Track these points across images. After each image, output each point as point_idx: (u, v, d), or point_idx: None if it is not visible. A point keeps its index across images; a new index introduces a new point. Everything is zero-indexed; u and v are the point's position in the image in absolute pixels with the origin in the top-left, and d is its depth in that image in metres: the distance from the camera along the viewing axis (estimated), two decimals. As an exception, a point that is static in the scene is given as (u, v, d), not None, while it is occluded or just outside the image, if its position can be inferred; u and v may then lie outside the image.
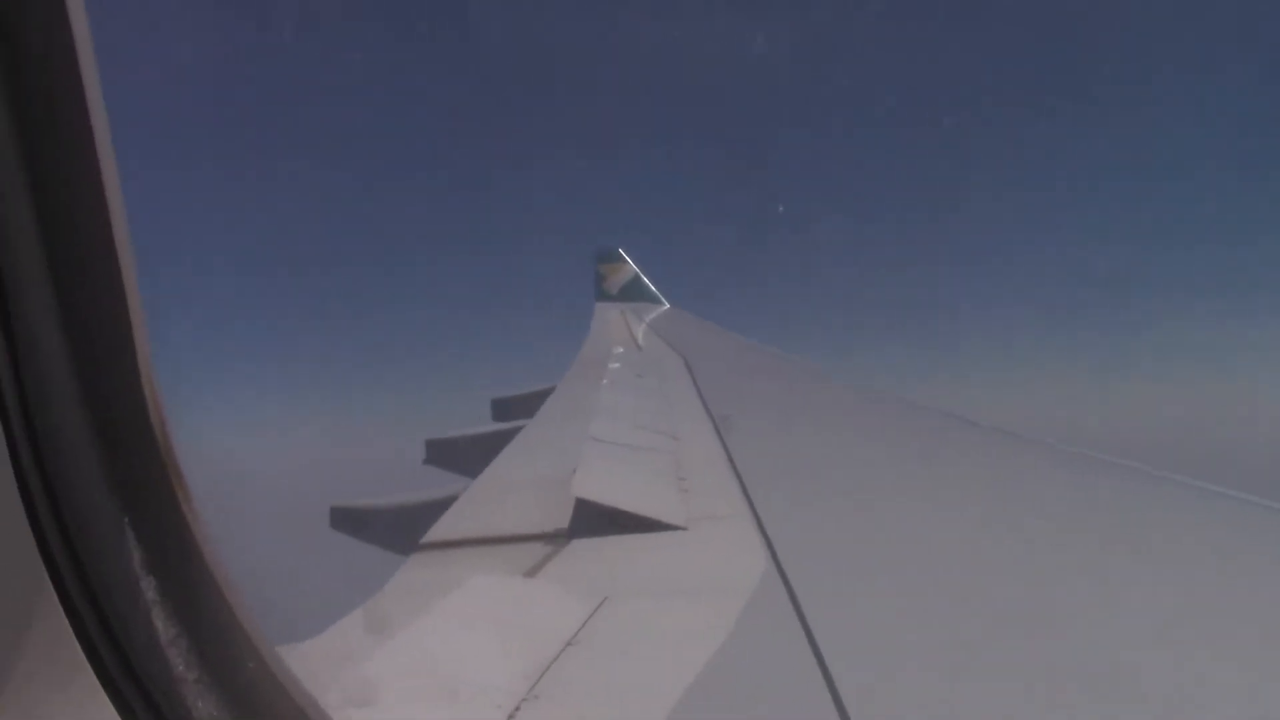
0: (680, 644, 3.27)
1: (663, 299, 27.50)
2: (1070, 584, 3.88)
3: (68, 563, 1.51)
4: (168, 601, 1.56)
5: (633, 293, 27.63)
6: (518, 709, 2.72)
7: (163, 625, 1.55)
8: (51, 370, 1.48)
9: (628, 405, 9.25)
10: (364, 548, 7.59)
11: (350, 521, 7.99)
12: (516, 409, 11.81)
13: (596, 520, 4.87)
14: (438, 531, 5.07)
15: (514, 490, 6.14)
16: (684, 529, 4.78)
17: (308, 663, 3.09)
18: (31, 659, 1.46)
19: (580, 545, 4.63)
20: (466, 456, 9.24)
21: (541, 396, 11.32)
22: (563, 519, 4.96)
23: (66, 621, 1.51)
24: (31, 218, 1.41)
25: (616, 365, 13.78)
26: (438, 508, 5.67)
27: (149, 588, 1.55)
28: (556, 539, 4.75)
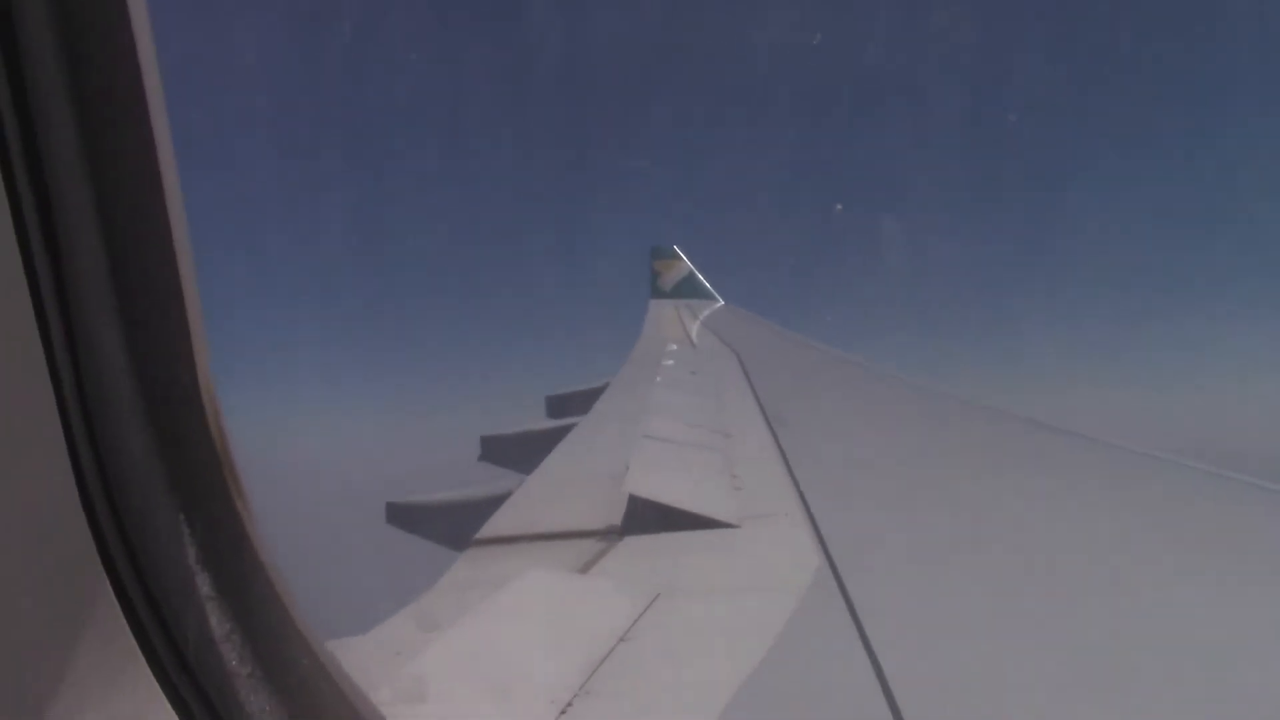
0: (732, 642, 3.26)
1: (717, 296, 27.44)
2: (1134, 581, 3.81)
3: (124, 559, 1.53)
4: (222, 597, 1.57)
5: (687, 290, 27.61)
6: (570, 704, 2.73)
7: (217, 621, 1.56)
8: (110, 369, 1.49)
9: (681, 403, 9.24)
10: (419, 543, 7.66)
11: (405, 517, 8.07)
12: (571, 406, 11.85)
13: (649, 517, 4.87)
14: (492, 527, 5.11)
15: (567, 487, 6.17)
16: (736, 527, 4.76)
17: (362, 657, 3.14)
18: (88, 655, 1.47)
19: (633, 542, 4.64)
20: (521, 453, 9.29)
21: (596, 394, 11.35)
22: (616, 516, 4.97)
23: (123, 618, 1.52)
24: (93, 218, 1.42)
25: (670, 362, 13.78)
26: (492, 504, 5.71)
27: (204, 583, 1.56)
28: (609, 536, 4.76)
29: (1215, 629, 3.27)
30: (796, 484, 5.64)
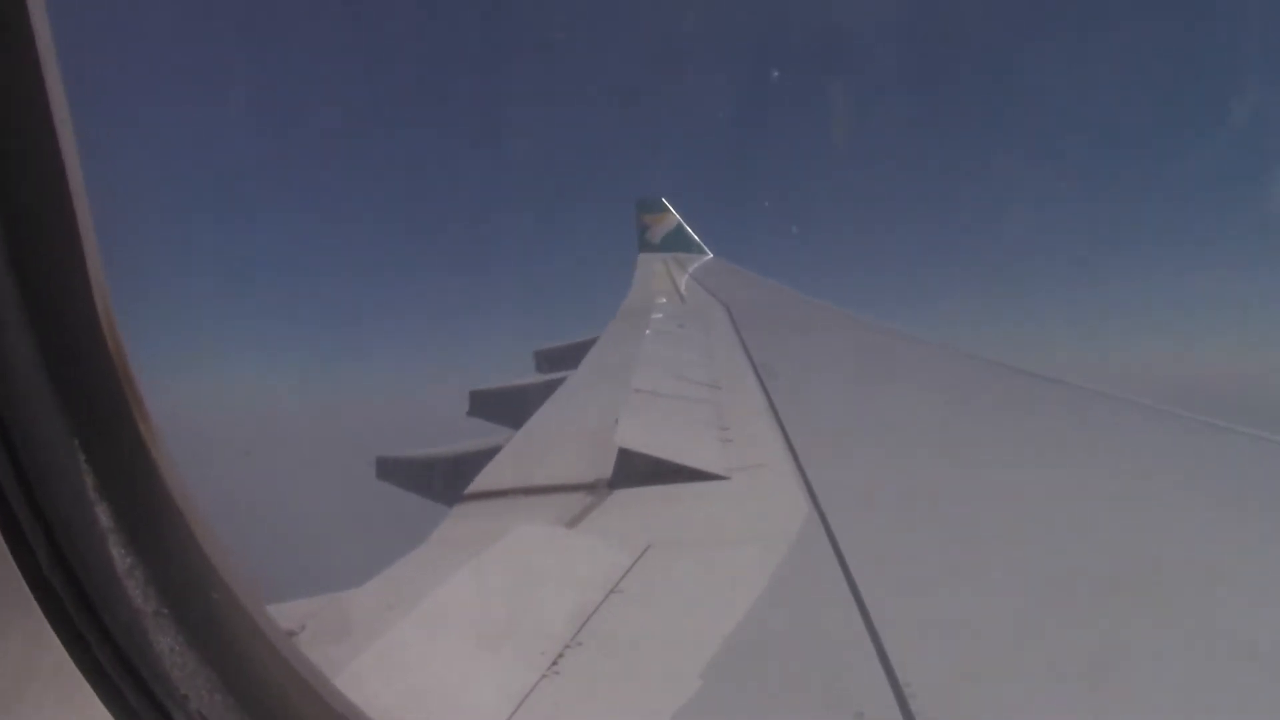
0: (722, 592, 3.27)
1: (706, 249, 27.33)
2: (1117, 528, 3.83)
3: (14, 488, 1.40)
4: (124, 529, 1.45)
5: (675, 243, 27.48)
6: (561, 656, 2.74)
7: (119, 555, 1.44)
8: None
9: (670, 356, 9.24)
10: (409, 498, 7.69)
11: (395, 472, 8.09)
12: (560, 360, 11.85)
13: (639, 470, 4.88)
14: (482, 482, 5.11)
15: (557, 441, 6.17)
16: (726, 478, 4.78)
17: (354, 611, 3.15)
18: None
19: (623, 495, 4.65)
20: (510, 407, 9.30)
21: (584, 347, 11.33)
22: (605, 469, 4.98)
23: (9, 553, 1.39)
24: None
25: (659, 316, 13.76)
26: (482, 458, 5.72)
27: (103, 514, 1.43)
28: (599, 489, 4.77)
29: (1206, 574, 3.30)
30: (786, 435, 5.65)
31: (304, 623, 2.90)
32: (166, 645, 1.47)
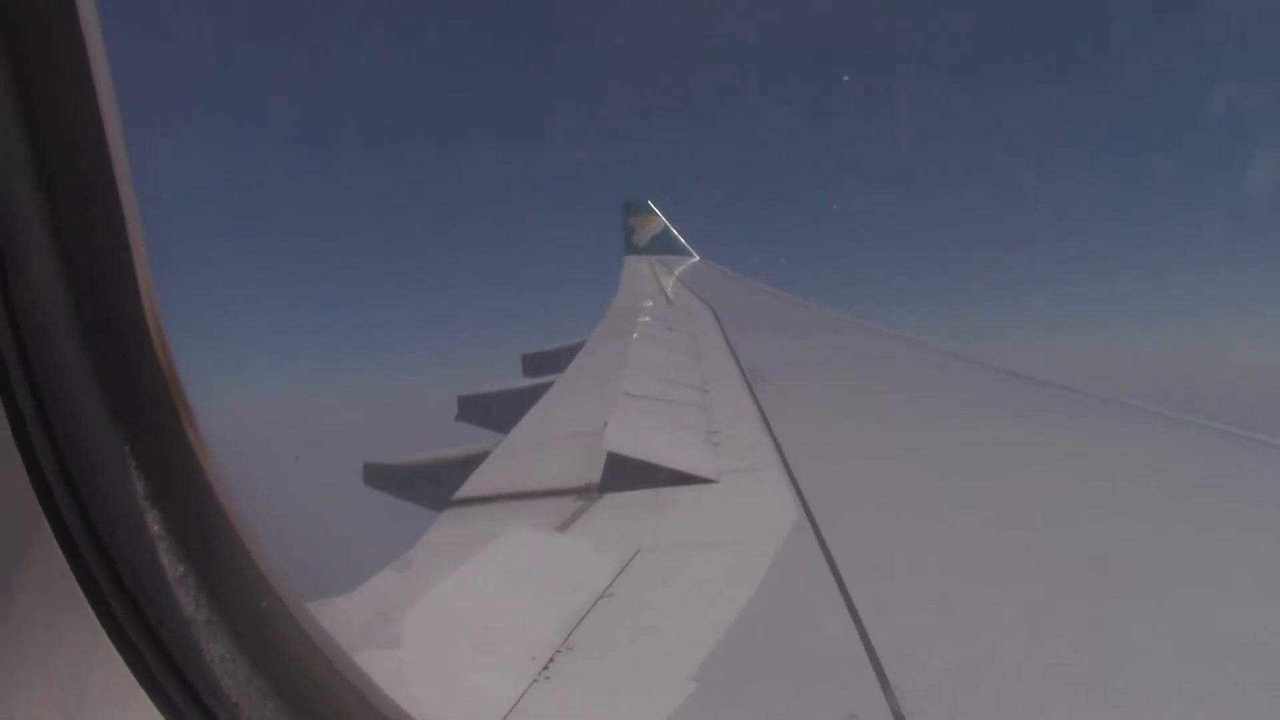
0: (712, 595, 3.28)
1: (692, 251, 27.36)
2: (1104, 527, 3.85)
3: (65, 497, 1.41)
4: (174, 537, 1.46)
5: (662, 246, 27.50)
6: (552, 660, 2.74)
7: (169, 562, 1.45)
8: (46, 293, 1.37)
9: (658, 359, 9.24)
10: (397, 504, 7.67)
11: (384, 478, 8.06)
12: (547, 364, 11.83)
13: (628, 474, 4.88)
14: (470, 487, 5.10)
15: (545, 445, 6.16)
16: (715, 482, 4.78)
17: (344, 617, 3.13)
18: (27, 601, 1.37)
19: (612, 499, 4.65)
20: (498, 412, 9.28)
21: (572, 351, 11.33)
22: (594, 473, 4.98)
23: (64, 561, 1.40)
24: (21, 130, 1.31)
25: (646, 319, 13.76)
26: (470, 463, 5.70)
27: (154, 522, 1.44)
28: (588, 493, 4.77)
29: (1190, 572, 3.32)
30: (774, 438, 5.66)
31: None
32: (218, 653, 1.47)
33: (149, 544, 1.44)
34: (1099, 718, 2.36)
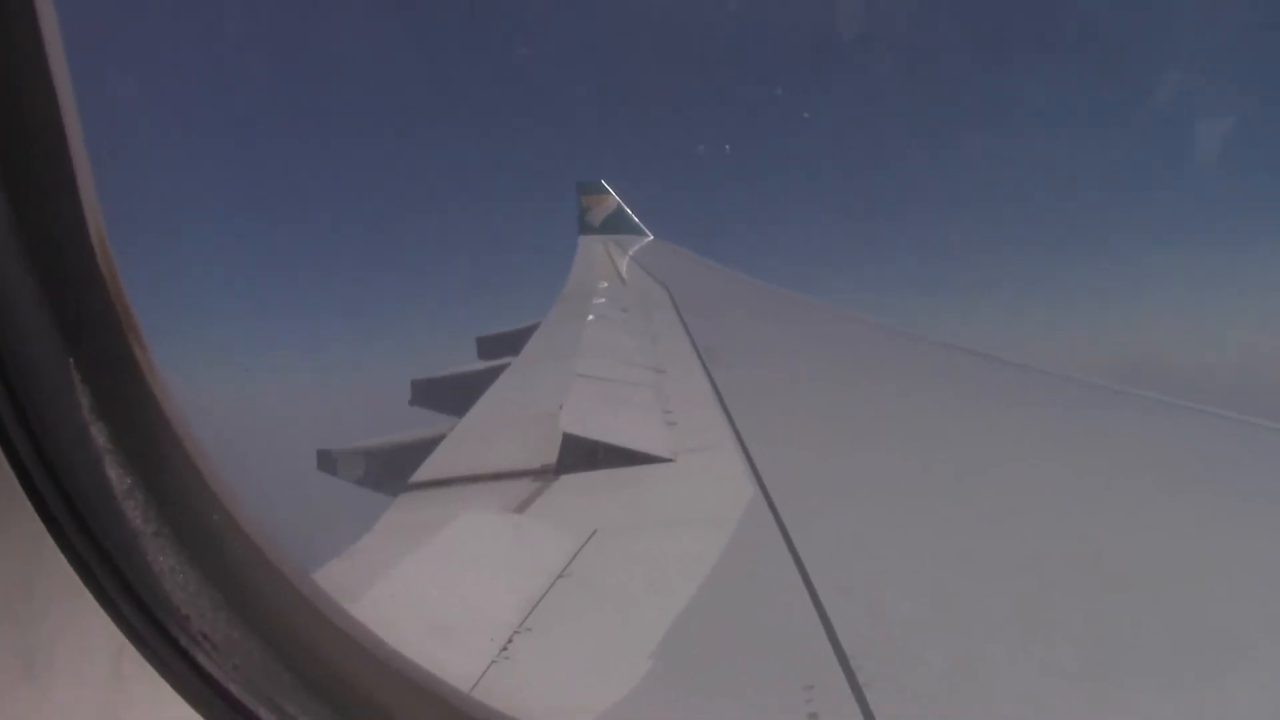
0: (669, 573, 3.29)
1: (646, 231, 27.29)
2: (1062, 507, 3.92)
3: (9, 410, 1.39)
4: (121, 450, 1.44)
5: (616, 225, 27.39)
6: (511, 641, 2.74)
7: (116, 475, 1.43)
8: None
9: (613, 340, 9.24)
10: (352, 490, 7.60)
11: (337, 464, 7.98)
12: (502, 346, 11.77)
13: (584, 455, 4.88)
14: (426, 471, 5.08)
15: (501, 427, 6.14)
16: (671, 461, 4.79)
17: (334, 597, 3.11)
18: None
19: (569, 480, 4.65)
20: (453, 395, 9.23)
21: (527, 333, 11.27)
22: (550, 455, 4.97)
23: (11, 473, 1.38)
24: None
25: (601, 300, 13.73)
26: (425, 447, 5.67)
27: (100, 434, 1.43)
28: (545, 474, 4.76)
29: (1152, 558, 3.39)
30: (730, 417, 5.68)
31: None
32: (167, 565, 1.46)
33: (96, 457, 1.43)
34: (1052, 682, 2.41)
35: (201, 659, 1.49)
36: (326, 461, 8.03)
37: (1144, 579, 3.04)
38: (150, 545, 1.46)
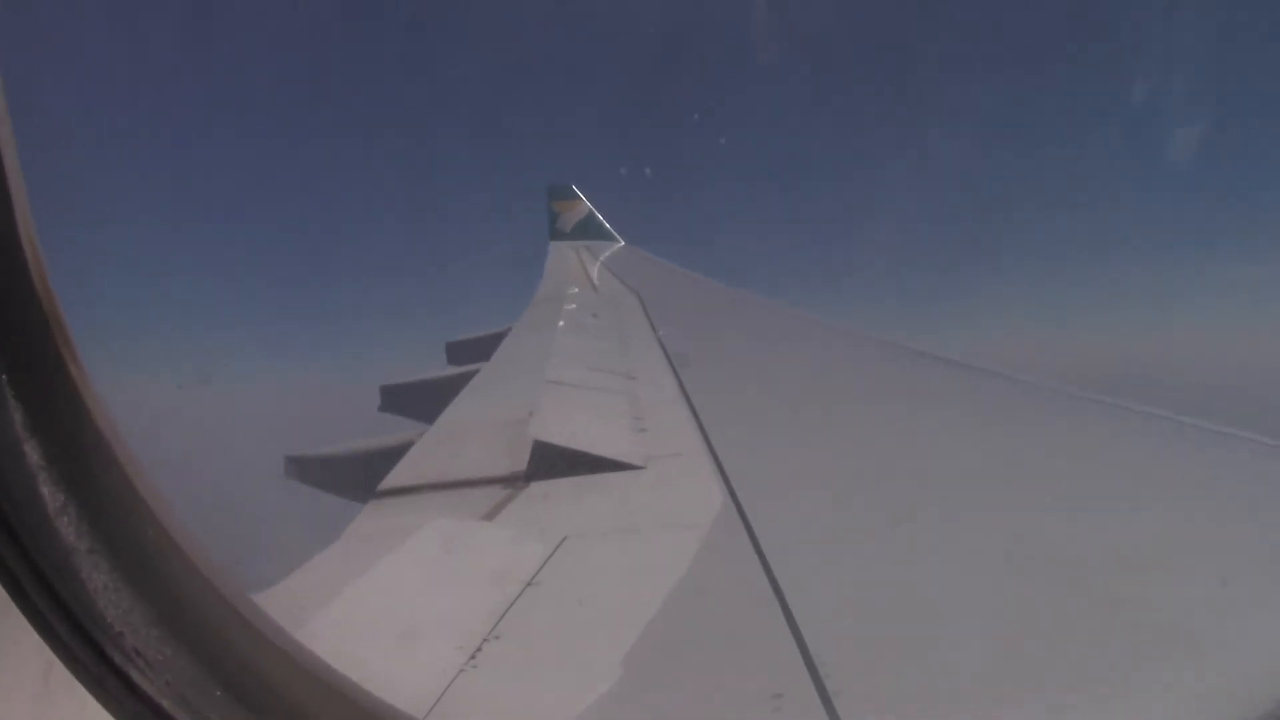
0: (639, 581, 3.29)
1: (617, 236, 27.29)
2: (1024, 507, 3.96)
3: None
4: (55, 466, 1.43)
5: (587, 231, 27.37)
6: (479, 650, 2.73)
7: (49, 492, 1.43)
8: None
9: (584, 346, 9.24)
10: (320, 497, 7.55)
11: (306, 470, 7.92)
12: (472, 352, 11.72)
13: (555, 462, 4.87)
14: (395, 478, 5.05)
15: (471, 434, 6.12)
16: (642, 468, 4.80)
17: (268, 612, 3.08)
18: None
19: (539, 487, 4.64)
20: (422, 402, 9.18)
21: (497, 339, 11.25)
22: (521, 462, 4.96)
23: None
24: None
25: (572, 306, 13.73)
26: (394, 454, 5.64)
27: (33, 451, 1.42)
28: (515, 482, 4.75)
29: (1102, 549, 3.43)
30: (700, 424, 5.69)
31: None
32: (100, 582, 1.46)
33: (28, 474, 1.42)
34: (1021, 692, 2.43)
35: (134, 676, 1.48)
36: (294, 467, 7.97)
37: (1121, 584, 3.07)
38: (84, 562, 1.45)
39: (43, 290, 1.43)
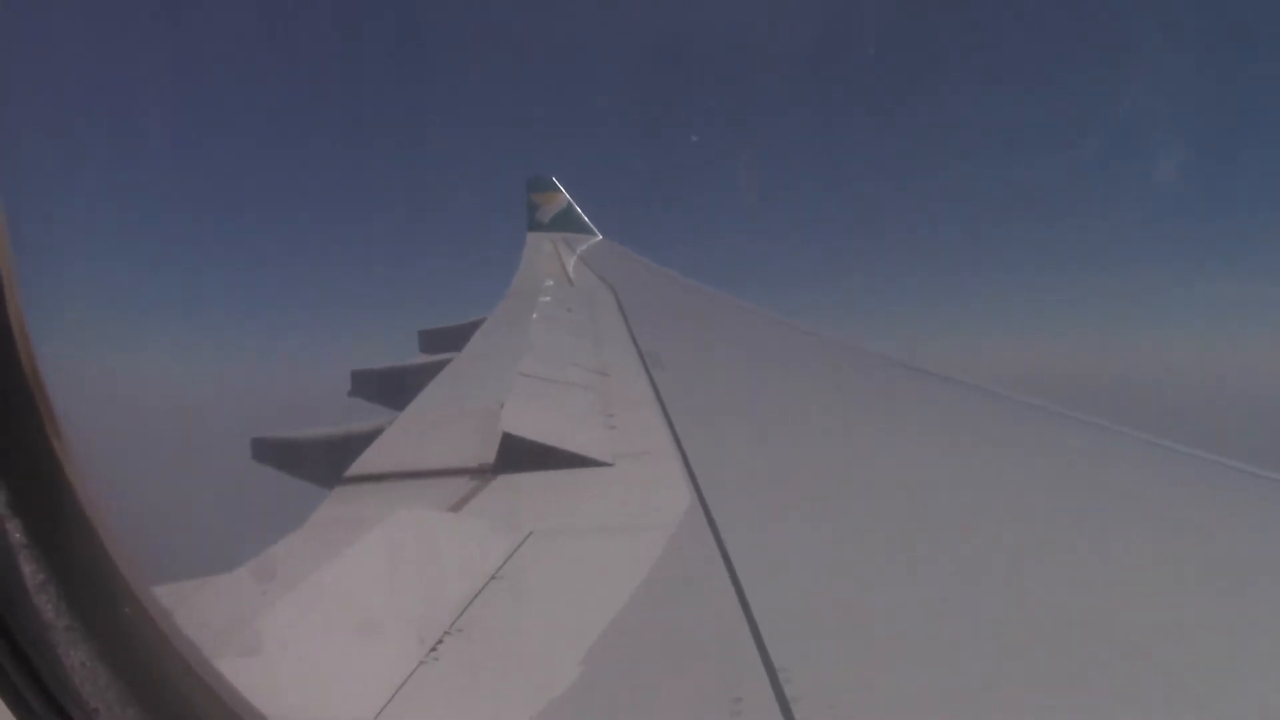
0: (603, 579, 3.30)
1: (595, 230, 27.25)
2: (987, 514, 4.00)
3: None
4: (36, 544, 1.45)
5: (565, 223, 27.30)
6: (440, 642, 2.72)
7: (30, 570, 1.45)
8: None
9: (557, 341, 9.22)
10: (287, 480, 7.49)
11: (272, 454, 7.85)
12: (445, 341, 11.67)
13: (523, 456, 4.86)
14: (362, 465, 5.02)
15: (441, 424, 6.09)
16: (610, 465, 4.80)
17: (227, 595, 3.07)
18: None
19: (506, 480, 4.63)
20: (393, 389, 9.14)
21: (471, 329, 11.20)
22: (489, 454, 4.95)
23: None
24: None
25: (547, 299, 13.70)
26: (363, 440, 5.61)
27: (15, 530, 1.44)
28: (482, 474, 4.74)
29: (1059, 558, 3.47)
30: (670, 423, 5.70)
31: (172, 608, 2.81)
32: (78, 660, 1.47)
33: (10, 552, 1.44)
34: (979, 703, 2.45)
35: None
36: (261, 450, 7.91)
37: (1081, 593, 3.11)
38: (61, 639, 1.47)
39: (30, 369, 1.46)
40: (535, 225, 27.36)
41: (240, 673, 2.27)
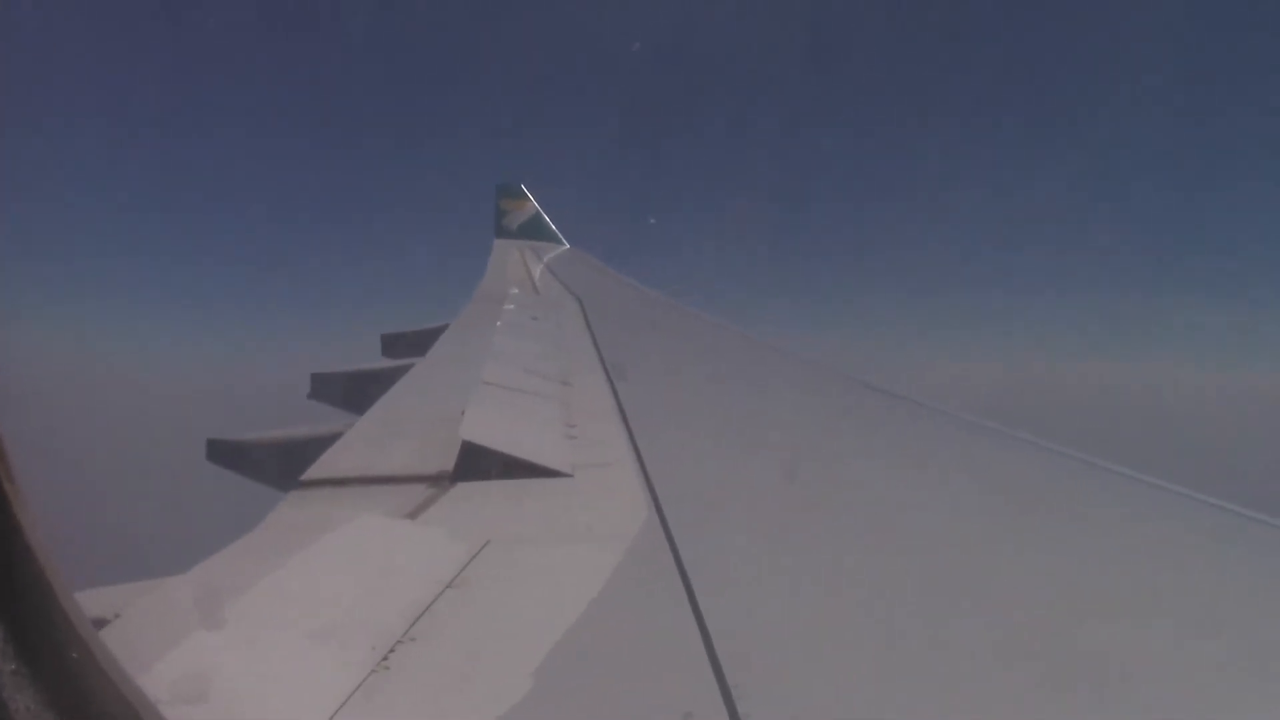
0: (558, 590, 3.29)
1: (563, 239, 27.24)
2: (945, 531, 4.03)
3: None
4: None
5: (533, 231, 27.27)
6: (392, 651, 2.70)
7: None
8: None
9: (521, 349, 9.19)
10: (242, 483, 7.40)
11: (228, 455, 7.76)
12: (408, 345, 11.61)
13: (482, 464, 4.84)
14: (319, 469, 4.98)
15: (400, 429, 6.06)
16: (570, 475, 4.79)
17: (178, 597, 3.03)
18: None
19: (465, 488, 4.61)
20: (353, 392, 9.08)
21: (434, 334, 11.15)
22: (448, 461, 4.92)
23: None
24: None
25: (512, 307, 13.67)
26: (320, 444, 5.56)
27: None
28: (441, 481, 4.72)
29: (1019, 577, 3.51)
30: (631, 434, 5.71)
31: (119, 610, 2.77)
32: (24, 704, 1.45)
33: None
34: (935, 714, 2.47)
35: None
36: (217, 452, 7.81)
37: (1041, 610, 3.14)
38: (8, 683, 1.44)
39: None
40: (503, 232, 27.30)
41: (184, 680, 2.24)
